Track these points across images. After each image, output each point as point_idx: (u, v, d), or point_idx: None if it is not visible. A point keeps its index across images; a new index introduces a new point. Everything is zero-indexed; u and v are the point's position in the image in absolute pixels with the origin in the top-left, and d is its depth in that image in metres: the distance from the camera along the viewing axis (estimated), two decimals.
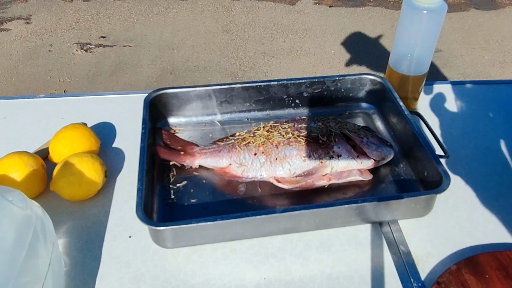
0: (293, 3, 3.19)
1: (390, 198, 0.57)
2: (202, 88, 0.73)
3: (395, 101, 0.70)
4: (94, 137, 0.68)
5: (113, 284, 0.53)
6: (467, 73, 2.38)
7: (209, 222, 0.52)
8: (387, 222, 0.60)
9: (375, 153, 0.64)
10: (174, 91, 0.73)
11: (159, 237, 0.55)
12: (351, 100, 0.78)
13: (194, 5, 3.15)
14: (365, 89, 0.77)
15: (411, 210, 0.58)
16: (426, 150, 0.61)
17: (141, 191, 0.55)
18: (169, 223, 0.52)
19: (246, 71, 2.45)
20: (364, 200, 0.55)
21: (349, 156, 0.63)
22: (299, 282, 0.53)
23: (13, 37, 2.77)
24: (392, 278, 0.53)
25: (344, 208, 0.55)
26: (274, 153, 0.63)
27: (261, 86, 0.74)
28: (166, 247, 0.56)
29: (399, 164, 0.67)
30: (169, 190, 0.64)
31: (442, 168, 0.58)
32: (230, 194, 0.63)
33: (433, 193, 0.56)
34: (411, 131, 0.65)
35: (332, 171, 0.63)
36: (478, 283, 0.50)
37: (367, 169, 0.64)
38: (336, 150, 0.63)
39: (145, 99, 0.70)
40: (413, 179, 0.65)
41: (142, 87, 2.29)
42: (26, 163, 0.60)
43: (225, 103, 0.75)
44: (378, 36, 2.78)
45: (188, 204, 0.62)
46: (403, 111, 0.68)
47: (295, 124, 0.67)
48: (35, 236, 0.44)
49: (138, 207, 0.53)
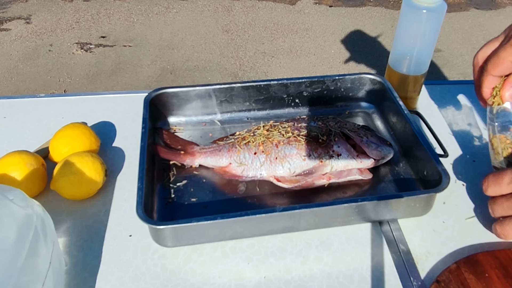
0: (293, 3, 3.19)
1: (390, 197, 0.57)
2: (202, 88, 0.73)
3: (394, 100, 0.70)
4: (94, 136, 0.68)
5: (114, 283, 0.53)
6: (467, 72, 2.38)
7: (209, 221, 0.52)
8: (386, 221, 0.60)
9: (375, 152, 0.64)
10: (174, 91, 0.73)
11: (159, 236, 0.55)
12: (351, 99, 0.78)
13: (194, 5, 3.16)
14: (365, 89, 0.77)
15: (411, 209, 0.58)
16: (426, 149, 0.61)
17: (141, 190, 0.55)
18: (169, 222, 0.52)
19: (246, 71, 2.45)
20: (364, 199, 0.55)
21: (349, 155, 0.64)
22: (299, 281, 0.53)
23: (13, 37, 2.77)
24: (391, 276, 0.53)
25: (344, 207, 0.55)
26: (274, 152, 0.63)
27: (261, 86, 0.74)
28: (166, 246, 0.56)
29: (399, 163, 0.67)
30: (169, 189, 0.64)
31: (441, 167, 0.58)
32: (230, 193, 0.63)
33: (432, 192, 0.56)
34: (411, 131, 0.65)
35: (332, 170, 0.63)
36: (477, 282, 0.51)
37: (366, 168, 0.65)
38: (336, 150, 0.64)
39: (145, 98, 0.70)
40: (413, 178, 0.65)
41: (142, 87, 2.29)
42: (26, 162, 0.60)
43: (225, 102, 0.75)
44: (378, 35, 2.78)
45: (188, 203, 0.62)
46: (402, 110, 0.68)
47: (295, 123, 0.67)
48: (36, 235, 0.44)
49: (138, 206, 0.53)
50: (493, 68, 0.55)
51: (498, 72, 0.55)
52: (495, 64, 0.54)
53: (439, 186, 0.56)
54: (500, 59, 0.54)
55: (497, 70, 0.55)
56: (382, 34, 2.79)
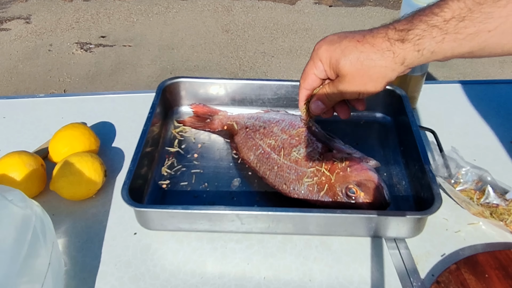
0: (293, 2, 3.19)
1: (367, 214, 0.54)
2: (216, 80, 0.76)
3: (408, 114, 0.68)
4: (94, 137, 0.68)
5: (113, 283, 0.53)
6: (466, 72, 2.37)
7: (172, 210, 0.55)
8: None
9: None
10: (189, 81, 0.76)
11: (139, 218, 0.58)
12: (367, 109, 0.76)
13: (194, 4, 3.15)
14: (382, 100, 0.75)
15: (398, 229, 0.56)
16: (425, 169, 0.59)
17: (131, 172, 0.57)
18: (140, 204, 0.57)
19: (246, 71, 2.45)
20: (337, 212, 0.54)
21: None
22: (299, 281, 0.53)
23: (13, 37, 2.77)
24: (391, 277, 0.53)
25: (335, 216, 0.55)
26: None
27: (274, 86, 0.75)
28: (148, 228, 0.58)
29: (402, 181, 0.65)
30: (166, 176, 0.66)
31: (435, 191, 0.55)
32: (223, 187, 0.64)
33: (419, 215, 0.54)
34: (416, 148, 0.62)
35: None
36: (477, 282, 0.50)
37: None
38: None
39: (159, 86, 0.74)
40: (411, 197, 0.63)
41: (142, 87, 2.29)
42: (26, 163, 0.60)
43: (237, 98, 0.77)
44: None
45: (180, 191, 0.64)
46: (413, 126, 0.66)
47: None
48: (35, 236, 0.44)
49: (124, 186, 0.55)
50: (302, 82, 0.57)
51: (307, 86, 0.57)
52: (303, 79, 0.57)
53: (429, 209, 0.53)
54: (305, 73, 0.56)
55: (305, 84, 0.57)
56: None
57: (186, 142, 0.72)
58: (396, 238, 0.57)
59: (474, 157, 0.69)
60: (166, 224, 0.57)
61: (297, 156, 0.62)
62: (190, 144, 0.72)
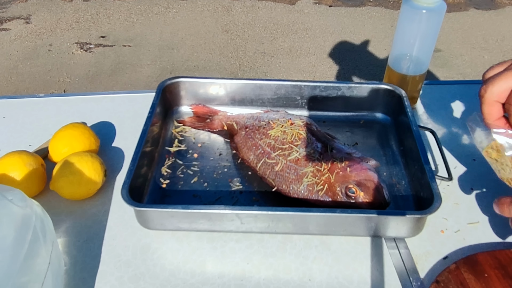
0: (292, 2, 3.19)
1: (364, 213, 0.54)
2: (216, 80, 0.76)
3: (407, 114, 0.68)
4: (94, 136, 0.68)
5: (113, 283, 0.53)
6: (466, 72, 2.38)
7: (172, 209, 0.55)
8: None
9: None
10: (189, 81, 0.76)
11: (140, 218, 0.58)
12: (366, 109, 0.76)
13: (194, 5, 3.16)
14: (382, 100, 0.75)
15: (398, 229, 0.56)
16: (425, 169, 0.59)
17: (131, 172, 0.57)
18: (140, 204, 0.56)
19: (245, 71, 2.45)
20: (340, 212, 0.54)
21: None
22: (299, 281, 0.53)
23: (13, 37, 2.77)
24: (391, 277, 0.53)
25: (335, 216, 0.55)
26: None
27: (274, 85, 0.75)
28: (149, 228, 0.58)
29: (402, 180, 0.65)
30: (166, 175, 0.66)
31: (435, 190, 0.55)
32: (223, 186, 0.64)
33: (418, 215, 0.53)
34: (416, 148, 0.63)
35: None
36: (477, 282, 0.51)
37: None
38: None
39: (159, 86, 0.74)
40: (411, 197, 0.63)
41: (142, 87, 2.29)
42: (26, 162, 0.60)
43: (237, 98, 0.76)
44: (378, 35, 2.78)
45: (180, 190, 0.64)
46: (412, 126, 0.66)
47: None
48: (35, 235, 0.44)
49: (124, 185, 0.55)
50: (492, 87, 0.50)
51: (500, 97, 0.50)
52: (492, 83, 0.50)
53: (429, 208, 0.53)
54: (500, 79, 0.49)
55: (497, 92, 0.50)
56: (381, 34, 2.79)
57: (186, 142, 0.72)
58: (395, 238, 0.57)
59: (474, 157, 0.70)
60: (166, 224, 0.57)
61: (297, 156, 0.62)
62: (190, 144, 0.72)
